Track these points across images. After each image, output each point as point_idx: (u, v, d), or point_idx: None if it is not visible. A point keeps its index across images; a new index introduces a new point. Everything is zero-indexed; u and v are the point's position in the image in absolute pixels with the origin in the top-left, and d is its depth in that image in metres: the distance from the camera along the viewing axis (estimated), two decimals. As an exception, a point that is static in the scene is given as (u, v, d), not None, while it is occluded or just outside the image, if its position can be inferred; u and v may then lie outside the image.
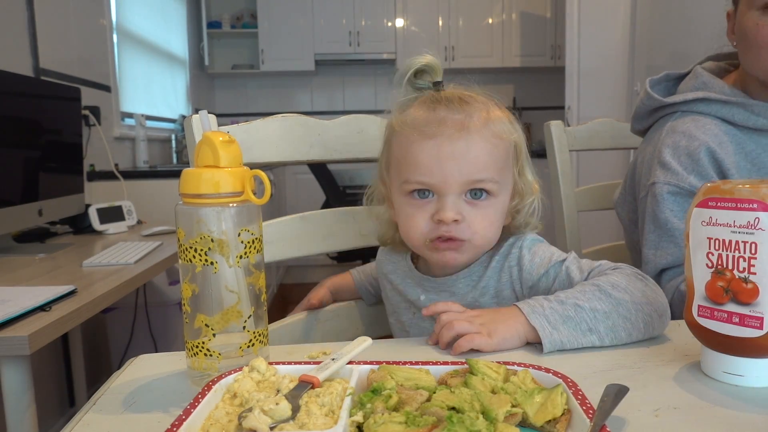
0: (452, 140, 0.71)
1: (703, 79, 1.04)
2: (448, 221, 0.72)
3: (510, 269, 0.78)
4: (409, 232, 0.76)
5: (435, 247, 0.75)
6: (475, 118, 0.73)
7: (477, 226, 0.74)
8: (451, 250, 0.75)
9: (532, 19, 4.91)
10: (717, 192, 0.56)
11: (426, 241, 0.75)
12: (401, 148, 0.76)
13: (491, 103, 0.77)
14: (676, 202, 0.97)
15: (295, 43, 4.75)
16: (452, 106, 0.74)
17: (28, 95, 1.80)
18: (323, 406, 0.47)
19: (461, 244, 0.74)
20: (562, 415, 0.46)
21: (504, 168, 0.75)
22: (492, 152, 0.73)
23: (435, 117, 0.73)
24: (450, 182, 0.72)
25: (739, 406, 0.52)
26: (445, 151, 0.71)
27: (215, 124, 0.79)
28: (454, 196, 0.72)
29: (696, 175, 0.96)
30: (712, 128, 0.99)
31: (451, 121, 0.72)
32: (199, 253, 0.56)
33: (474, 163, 0.72)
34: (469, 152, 0.72)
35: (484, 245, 0.77)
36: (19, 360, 1.09)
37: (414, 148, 0.73)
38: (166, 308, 2.36)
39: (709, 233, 0.56)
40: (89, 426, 0.52)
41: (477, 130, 0.72)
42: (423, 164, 0.72)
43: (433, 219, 0.73)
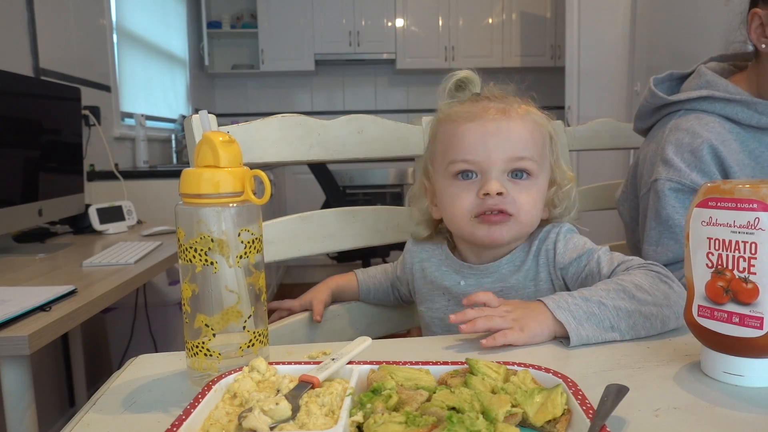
0: (495, 120, 0.78)
1: (707, 78, 1.04)
2: (494, 193, 0.75)
3: (547, 252, 0.82)
4: (454, 211, 0.80)
5: (482, 221, 0.78)
6: (515, 107, 0.80)
7: (521, 201, 0.77)
8: (499, 224, 0.77)
9: (532, 19, 4.91)
10: (717, 192, 0.56)
11: (471, 218, 0.78)
12: (447, 134, 0.81)
13: (529, 101, 0.84)
14: (678, 198, 0.97)
15: (295, 43, 4.75)
16: (494, 98, 0.81)
17: (28, 95, 1.80)
18: (323, 406, 0.47)
19: (508, 219, 0.77)
20: (562, 415, 0.46)
21: (542, 152, 0.81)
22: (532, 133, 0.79)
23: (478, 105, 0.80)
24: (494, 158, 0.77)
25: (739, 406, 0.52)
26: (489, 129, 0.77)
27: (215, 124, 0.79)
28: (498, 172, 0.77)
29: (698, 172, 0.97)
30: (715, 126, 0.99)
31: (493, 107, 0.79)
32: (199, 253, 0.56)
33: (516, 141, 0.77)
34: (510, 131, 0.77)
35: (528, 223, 0.80)
36: (19, 360, 1.09)
37: (460, 131, 0.79)
38: (166, 308, 2.36)
39: (709, 233, 0.56)
40: (89, 426, 0.52)
41: (518, 115, 0.79)
42: (468, 143, 0.78)
43: (479, 195, 0.77)
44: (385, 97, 5.26)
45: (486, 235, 0.78)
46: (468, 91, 0.84)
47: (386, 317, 1.05)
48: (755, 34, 0.97)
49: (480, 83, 0.85)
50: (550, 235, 0.83)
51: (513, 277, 0.83)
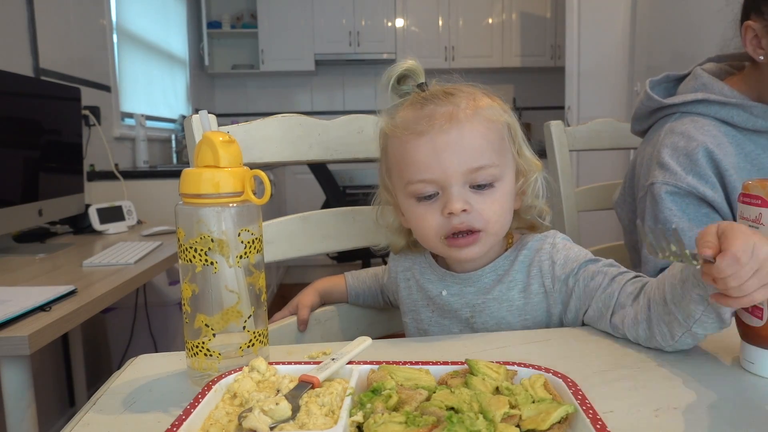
0: (444, 132, 0.72)
1: (702, 80, 1.04)
2: (457, 211, 0.71)
3: (540, 263, 0.78)
4: (423, 232, 0.76)
5: (451, 244, 0.74)
6: (463, 107, 0.73)
7: (488, 213, 0.73)
8: (469, 245, 0.74)
9: (532, 19, 4.91)
10: (745, 188, 0.59)
11: (441, 238, 0.74)
12: (397, 152, 0.76)
13: (477, 91, 0.77)
14: (675, 202, 0.98)
15: (295, 43, 4.75)
16: (438, 101, 0.74)
17: (28, 95, 1.80)
18: (323, 406, 0.47)
19: (477, 237, 0.73)
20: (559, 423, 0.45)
21: (501, 150, 0.75)
22: (486, 136, 0.73)
23: (423, 114, 0.73)
24: (450, 173, 0.71)
25: (739, 405, 0.52)
26: (440, 144, 0.71)
27: (215, 124, 0.79)
28: (458, 186, 0.72)
29: (694, 175, 0.97)
30: (710, 129, 0.99)
31: (439, 114, 0.72)
32: (199, 253, 0.56)
33: (470, 150, 0.72)
34: (462, 140, 0.72)
35: (499, 232, 0.76)
36: (19, 360, 1.09)
37: (409, 148, 0.73)
38: (166, 308, 2.36)
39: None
40: (89, 426, 0.52)
41: (467, 118, 0.72)
42: (421, 162, 0.72)
43: (443, 214, 0.72)
44: (385, 97, 5.24)
45: (459, 256, 0.75)
46: (412, 82, 0.79)
47: (386, 317, 1.05)
48: (751, 46, 0.97)
49: (423, 73, 0.79)
50: (544, 246, 0.79)
51: (495, 288, 0.79)
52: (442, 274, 0.83)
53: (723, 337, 0.68)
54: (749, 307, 0.58)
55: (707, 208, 0.97)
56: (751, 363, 0.59)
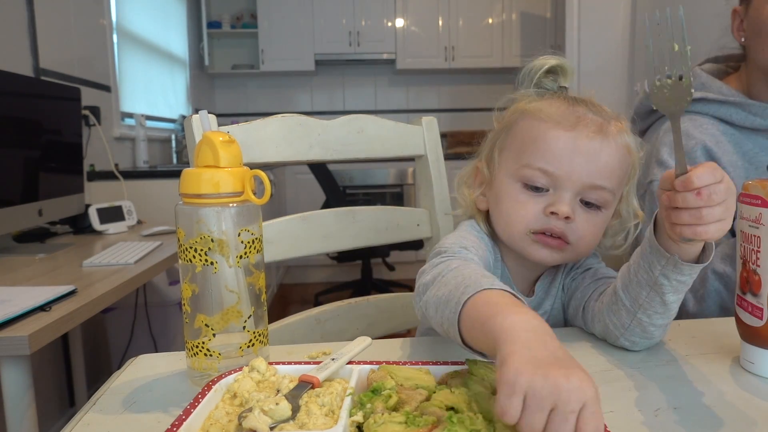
0: (589, 138, 0.70)
1: (701, 79, 1.05)
2: (562, 215, 0.69)
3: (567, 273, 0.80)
4: (513, 218, 0.73)
5: (537, 240, 0.72)
6: (612, 125, 0.72)
7: (584, 231, 0.71)
8: (555, 248, 0.72)
9: (532, 19, 4.91)
10: (745, 188, 0.59)
11: (528, 232, 0.72)
12: (530, 133, 0.73)
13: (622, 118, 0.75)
14: None
15: (295, 43, 4.75)
16: (590, 107, 0.73)
17: (28, 95, 1.80)
18: (323, 406, 0.47)
19: (564, 247, 0.71)
20: None
21: (621, 182, 0.74)
22: (620, 162, 0.72)
23: (574, 112, 0.72)
24: (574, 178, 0.69)
25: (739, 405, 0.52)
26: (581, 146, 0.69)
27: (215, 124, 0.79)
28: (572, 193, 0.70)
29: None
30: (709, 128, 1.00)
31: (590, 120, 0.71)
32: (199, 253, 0.56)
33: (603, 167, 0.70)
34: (601, 155, 0.70)
35: (583, 254, 0.75)
36: (19, 360, 1.09)
37: (549, 135, 0.71)
38: (166, 308, 2.36)
39: (740, 226, 0.60)
40: (89, 426, 0.52)
41: (613, 137, 0.71)
42: (554, 153, 0.70)
43: (545, 212, 0.70)
44: (385, 97, 5.26)
45: (536, 254, 0.73)
46: (555, 82, 0.77)
47: (386, 317, 1.05)
48: (737, 31, 1.00)
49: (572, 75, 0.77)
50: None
51: (546, 302, 0.79)
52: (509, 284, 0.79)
53: (723, 337, 0.68)
54: (749, 307, 0.58)
55: None
56: (751, 363, 0.59)
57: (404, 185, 4.55)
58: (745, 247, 0.58)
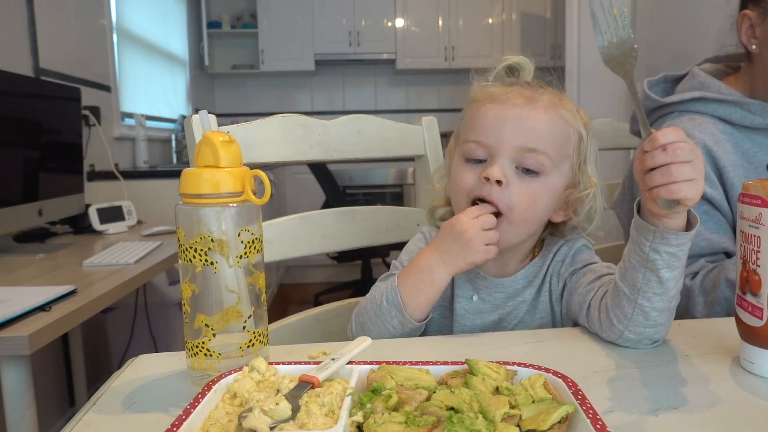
0: (516, 106, 0.74)
1: (700, 79, 1.05)
2: (493, 178, 0.72)
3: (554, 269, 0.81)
4: (455, 188, 0.78)
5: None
6: (545, 98, 0.76)
7: (517, 198, 0.73)
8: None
9: (532, 19, 4.91)
10: (745, 188, 0.59)
11: (469, 201, 0.75)
12: (469, 114, 0.79)
13: (565, 98, 0.79)
14: None
15: (295, 43, 4.75)
16: (526, 86, 0.78)
17: (28, 95, 1.80)
18: (323, 406, 0.47)
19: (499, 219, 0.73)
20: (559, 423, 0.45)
21: (561, 150, 0.75)
22: (551, 127, 0.74)
23: (508, 89, 0.77)
24: (503, 144, 0.73)
25: (739, 405, 0.52)
26: (507, 114, 0.74)
27: (215, 124, 0.79)
28: (506, 160, 0.73)
29: None
30: (708, 127, 1.00)
31: (520, 92, 0.76)
32: (199, 253, 0.56)
33: (531, 130, 0.73)
34: (528, 119, 0.73)
35: (522, 224, 0.75)
36: (19, 360, 1.09)
37: (481, 111, 0.76)
38: (166, 308, 2.36)
39: (740, 226, 0.60)
40: (89, 426, 0.52)
41: (543, 106, 0.75)
42: (483, 124, 0.75)
43: (480, 178, 0.73)
44: (385, 97, 5.26)
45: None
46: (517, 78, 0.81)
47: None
48: (746, 35, 0.98)
49: (532, 71, 0.80)
50: (563, 248, 0.81)
51: (526, 291, 0.80)
52: (474, 276, 0.82)
53: (723, 337, 0.68)
54: (749, 307, 0.58)
55: (707, 205, 0.97)
56: (751, 363, 0.59)
57: (404, 185, 4.55)
58: (745, 247, 0.58)
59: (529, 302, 0.80)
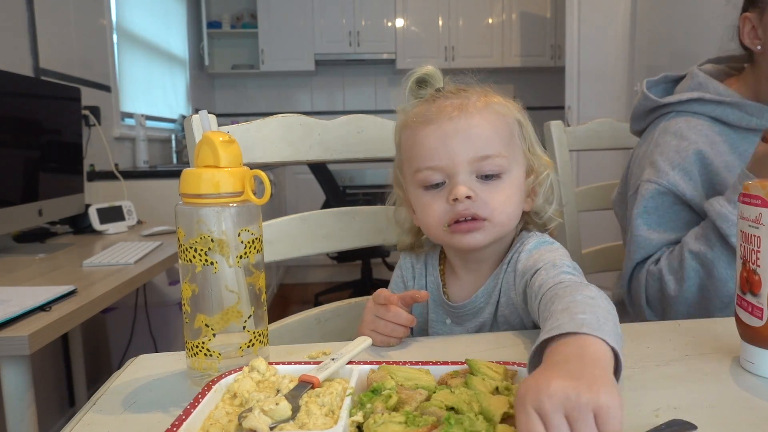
0: (452, 119, 0.73)
1: (698, 79, 1.05)
2: (462, 197, 0.71)
3: (508, 275, 0.77)
4: (427, 220, 0.76)
5: (454, 230, 0.73)
6: (473, 100, 0.75)
7: (494, 203, 0.73)
8: (472, 231, 0.73)
9: (532, 19, 4.91)
10: (745, 188, 0.59)
11: (444, 226, 0.74)
12: (408, 142, 0.78)
13: (490, 91, 0.78)
14: (653, 198, 1.00)
15: (295, 43, 4.75)
16: (450, 95, 0.76)
17: (28, 95, 1.80)
18: (323, 406, 0.47)
19: (481, 224, 0.73)
20: None
21: (510, 144, 0.75)
22: (495, 127, 0.74)
23: (435, 105, 0.75)
24: (457, 160, 0.72)
25: (739, 405, 0.52)
26: (448, 131, 0.73)
27: (215, 124, 0.79)
28: (465, 174, 0.72)
29: (679, 170, 0.99)
30: (704, 129, 1.00)
31: (449, 105, 0.74)
32: (199, 253, 0.56)
33: (478, 139, 0.72)
34: (470, 128, 0.73)
35: (505, 223, 0.75)
36: (19, 360, 1.09)
37: (419, 136, 0.75)
38: (166, 308, 2.36)
39: (740, 226, 0.60)
40: (89, 426, 0.52)
41: (476, 110, 0.74)
42: (429, 148, 0.73)
43: (449, 201, 0.73)
44: (385, 97, 5.26)
45: (461, 243, 0.74)
46: (430, 88, 0.79)
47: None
48: (748, 37, 0.98)
49: (441, 78, 0.80)
50: (513, 257, 0.77)
51: (486, 309, 0.78)
52: (442, 302, 0.82)
53: (723, 337, 0.68)
54: (749, 307, 0.58)
55: (681, 205, 0.99)
56: (751, 363, 0.59)
57: (404, 185, 4.55)
58: (745, 247, 0.58)
59: (490, 320, 0.79)
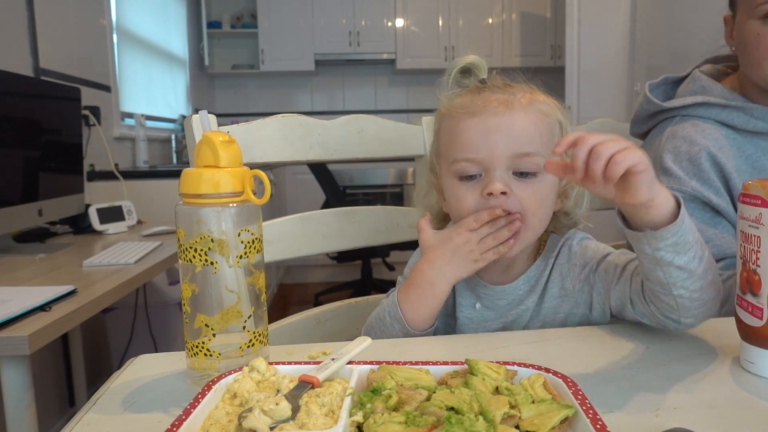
0: (497, 115, 0.73)
1: (701, 83, 1.04)
2: (497, 192, 0.71)
3: (560, 267, 0.79)
4: (459, 212, 0.76)
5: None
6: (519, 97, 0.75)
7: (527, 201, 0.72)
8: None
9: (532, 19, 4.91)
10: (745, 188, 0.59)
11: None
12: (448, 131, 0.77)
13: (535, 89, 0.78)
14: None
15: (295, 43, 4.75)
16: (496, 89, 0.76)
17: (28, 95, 1.80)
18: (323, 406, 0.47)
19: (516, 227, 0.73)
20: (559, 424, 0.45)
21: (550, 143, 0.75)
22: (537, 126, 0.74)
23: (480, 98, 0.75)
24: (496, 155, 0.72)
25: (739, 405, 0.52)
26: (491, 125, 0.72)
27: (215, 124, 0.79)
28: (502, 170, 0.72)
29: (698, 179, 0.96)
30: (712, 132, 0.99)
31: (495, 99, 0.74)
32: (199, 253, 0.56)
33: (519, 135, 0.72)
34: (513, 125, 0.72)
35: (537, 225, 0.75)
36: (19, 360, 1.09)
37: (460, 127, 0.75)
38: (166, 308, 2.36)
39: (741, 226, 0.60)
40: (89, 426, 0.52)
41: (521, 107, 0.74)
42: (469, 141, 0.73)
43: (483, 195, 0.72)
44: (385, 97, 5.26)
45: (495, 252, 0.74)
46: (474, 78, 0.79)
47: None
48: (729, 37, 1.00)
49: (486, 69, 0.79)
50: (563, 249, 0.80)
51: (529, 298, 0.79)
52: (475, 284, 0.82)
53: (723, 337, 0.68)
54: (749, 307, 0.58)
55: (711, 212, 0.97)
56: (751, 363, 0.59)
57: (404, 185, 4.55)
58: (745, 247, 0.58)
59: (532, 309, 0.79)
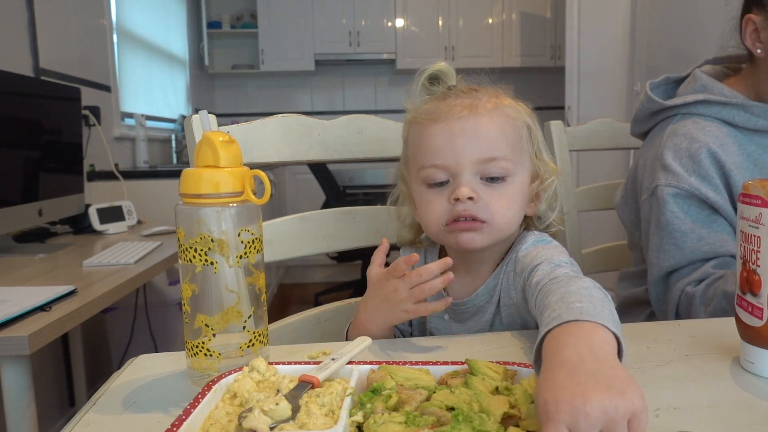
0: (461, 119, 0.73)
1: (702, 81, 1.04)
2: (464, 198, 0.71)
3: (507, 275, 0.77)
4: (427, 218, 0.76)
5: (452, 229, 0.73)
6: (484, 101, 0.74)
7: (495, 206, 0.72)
8: (470, 230, 0.73)
9: (532, 19, 4.91)
10: (745, 188, 0.59)
11: (443, 225, 0.74)
12: (415, 139, 0.77)
13: (501, 93, 0.78)
14: (678, 204, 0.97)
15: (295, 43, 4.75)
16: (462, 94, 0.76)
17: (28, 95, 1.80)
18: (323, 406, 0.47)
19: (480, 226, 0.72)
20: None
21: (517, 148, 0.75)
22: (503, 130, 0.74)
23: (445, 104, 0.75)
24: (462, 161, 0.72)
25: (739, 405, 0.52)
26: (456, 130, 0.72)
27: (215, 124, 0.79)
28: (469, 175, 0.72)
29: (697, 176, 0.96)
30: (712, 130, 0.99)
31: (459, 104, 0.74)
32: (199, 253, 0.56)
33: (485, 140, 0.72)
34: (478, 129, 0.72)
35: (504, 228, 0.75)
36: (19, 360, 1.09)
37: (426, 133, 0.75)
38: (166, 308, 2.36)
39: (740, 226, 0.60)
40: (89, 426, 0.52)
41: (486, 111, 0.73)
42: (435, 146, 0.73)
43: (450, 200, 0.73)
44: (385, 97, 5.26)
45: (458, 243, 0.74)
46: (442, 85, 0.79)
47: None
48: (750, 39, 0.97)
49: (454, 76, 0.79)
50: (511, 258, 0.77)
51: (488, 310, 0.78)
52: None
53: (723, 337, 0.68)
54: (749, 307, 0.58)
55: (708, 209, 0.97)
56: (751, 363, 0.59)
57: (404, 185, 4.55)
58: (745, 247, 0.58)
59: (491, 320, 0.78)
